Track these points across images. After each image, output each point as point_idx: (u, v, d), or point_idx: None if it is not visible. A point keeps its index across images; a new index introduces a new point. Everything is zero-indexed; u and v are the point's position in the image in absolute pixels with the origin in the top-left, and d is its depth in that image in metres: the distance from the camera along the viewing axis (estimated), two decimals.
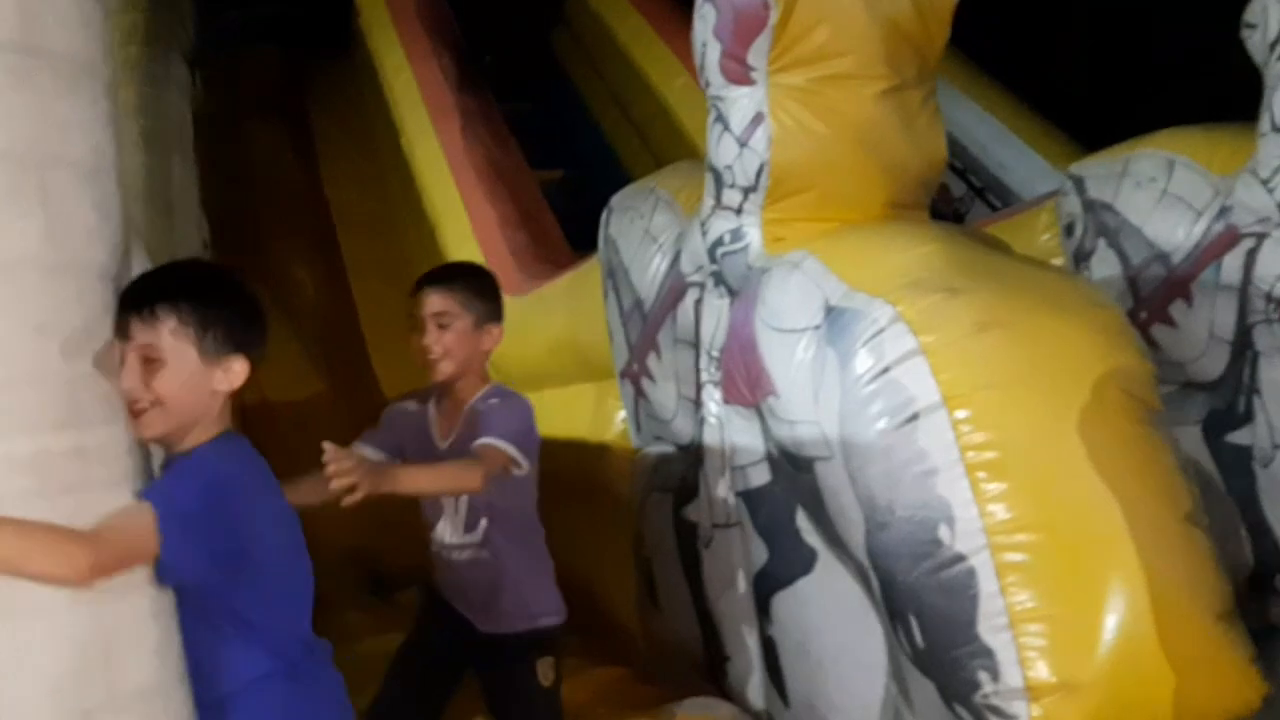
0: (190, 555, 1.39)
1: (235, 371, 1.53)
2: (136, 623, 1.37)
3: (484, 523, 2.22)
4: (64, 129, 1.34)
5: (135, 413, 1.46)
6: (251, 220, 4.84)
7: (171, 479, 1.44)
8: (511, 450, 2.12)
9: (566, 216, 4.44)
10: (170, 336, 1.49)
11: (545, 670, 2.18)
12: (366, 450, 2.19)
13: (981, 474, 1.86)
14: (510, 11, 6.06)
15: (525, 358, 3.66)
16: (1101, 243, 2.83)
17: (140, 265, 1.68)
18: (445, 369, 2.21)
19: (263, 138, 5.33)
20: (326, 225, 5.03)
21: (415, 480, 2.04)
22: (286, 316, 4.62)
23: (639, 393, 2.78)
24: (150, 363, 1.48)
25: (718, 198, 2.35)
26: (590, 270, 3.12)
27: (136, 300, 1.50)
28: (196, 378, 1.51)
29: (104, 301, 1.39)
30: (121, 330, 1.47)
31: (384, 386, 4.46)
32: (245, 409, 4.02)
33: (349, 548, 3.76)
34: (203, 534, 1.41)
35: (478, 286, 2.29)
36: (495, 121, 4.70)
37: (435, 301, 2.23)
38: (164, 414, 1.48)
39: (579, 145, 5.81)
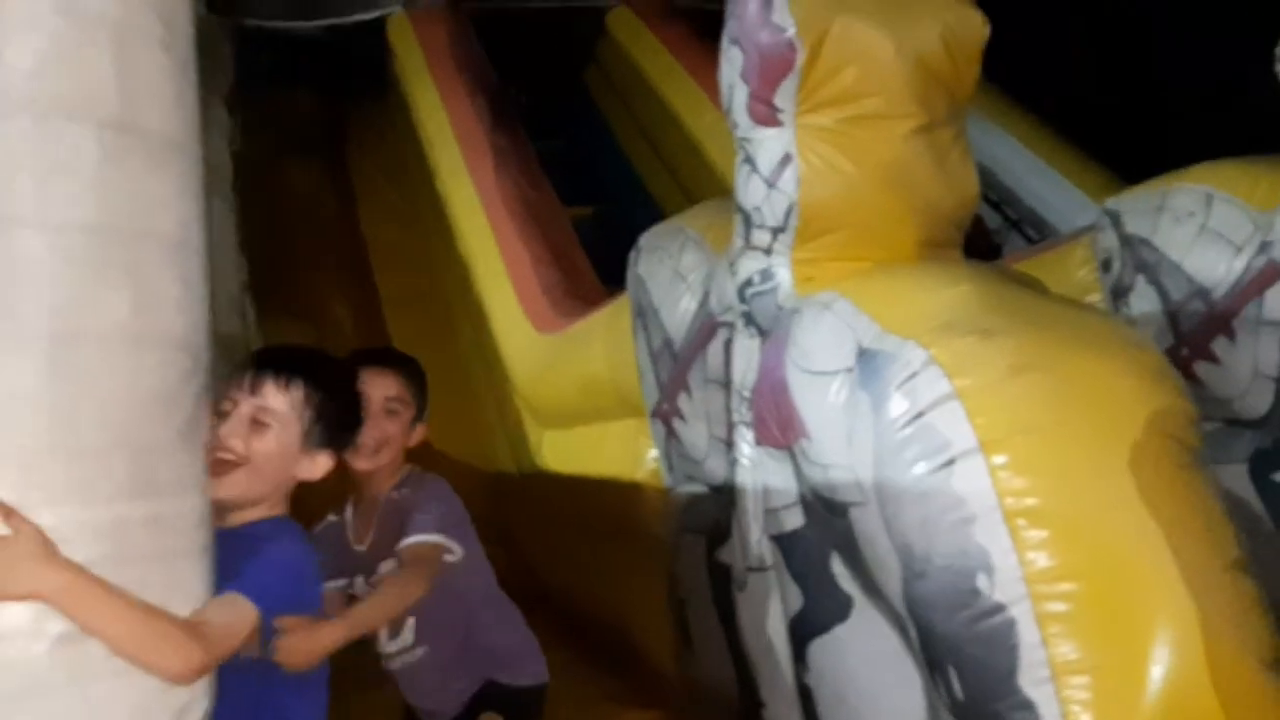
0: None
1: (319, 464, 1.65)
2: (200, 693, 1.39)
3: (411, 622, 2.14)
4: (154, 204, 1.39)
5: (220, 467, 1.53)
6: (289, 259, 4.91)
7: (259, 568, 1.48)
8: (441, 539, 2.04)
9: (598, 252, 4.45)
10: (288, 408, 1.61)
11: None
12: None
13: (1021, 521, 1.81)
14: (543, 51, 6.12)
15: (558, 396, 3.66)
16: (1140, 279, 2.78)
17: None
18: (379, 459, 2.13)
19: (300, 178, 5.42)
20: (363, 263, 5.09)
21: (366, 621, 1.93)
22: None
23: (670, 432, 2.76)
24: (257, 425, 1.60)
25: (746, 238, 2.33)
26: (623, 306, 3.12)
27: (279, 366, 1.64)
28: (289, 455, 1.61)
29: (183, 372, 1.42)
30: (252, 386, 1.62)
31: None
32: None
33: None
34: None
35: (422, 380, 2.25)
36: (528, 160, 4.73)
37: (391, 385, 2.16)
38: (247, 477, 1.57)
39: (611, 181, 5.84)
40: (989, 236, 4.66)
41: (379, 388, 2.14)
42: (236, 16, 5.60)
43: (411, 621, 2.14)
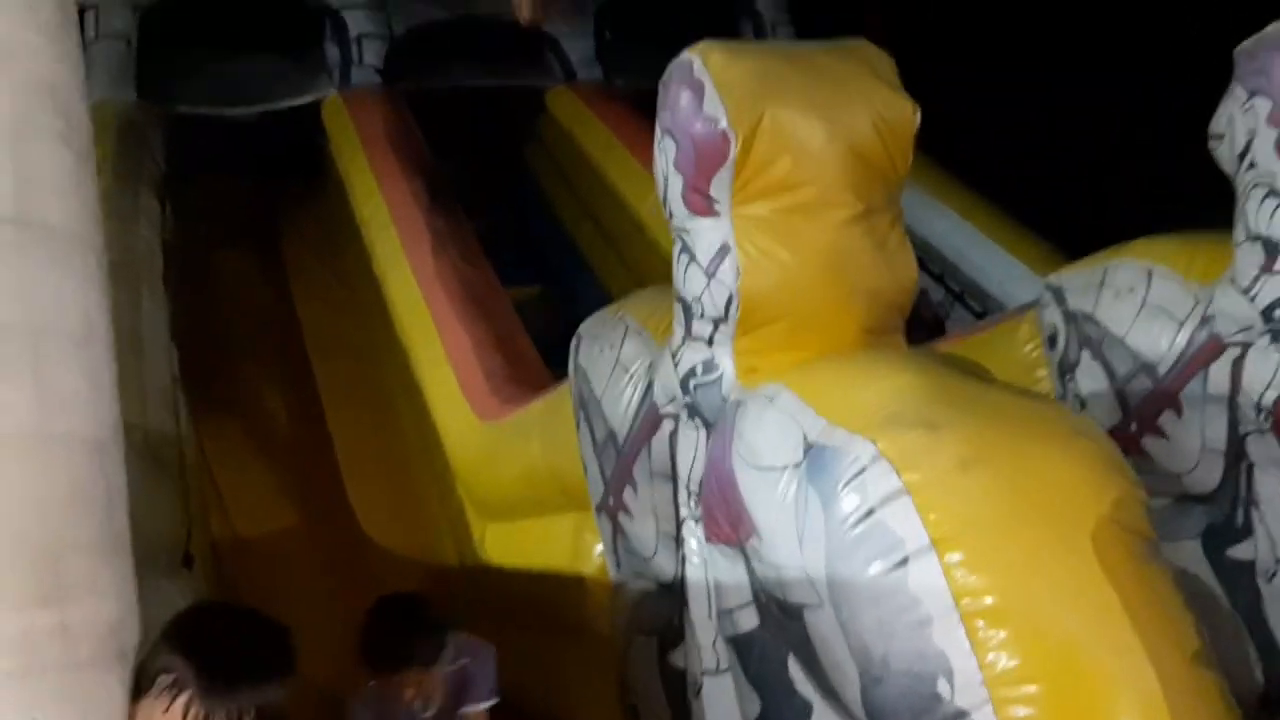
0: None
1: None
2: None
3: None
4: (55, 299, 1.35)
5: None
6: (223, 349, 4.77)
7: None
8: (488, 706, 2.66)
9: (543, 333, 4.38)
10: None
11: None
12: None
13: (979, 621, 1.74)
14: (483, 130, 6.12)
15: (500, 487, 3.56)
16: (1086, 354, 2.78)
17: None
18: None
19: (234, 266, 5.31)
20: (299, 353, 4.96)
21: None
22: (259, 447, 4.52)
23: (617, 528, 2.66)
24: None
25: (688, 329, 2.28)
26: (563, 395, 3.04)
27: None
28: None
29: (92, 472, 1.35)
30: None
31: (360, 517, 4.33)
32: (215, 544, 3.89)
33: (323, 680, 3.60)
34: None
35: (441, 640, 2.62)
36: (467, 242, 4.67)
37: (432, 681, 2.62)
38: None
39: (554, 261, 5.81)
40: (933, 309, 4.69)
41: (428, 686, 2.65)
42: (167, 103, 5.53)
43: None
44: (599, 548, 2.86)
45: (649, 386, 2.52)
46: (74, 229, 1.39)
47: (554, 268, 5.71)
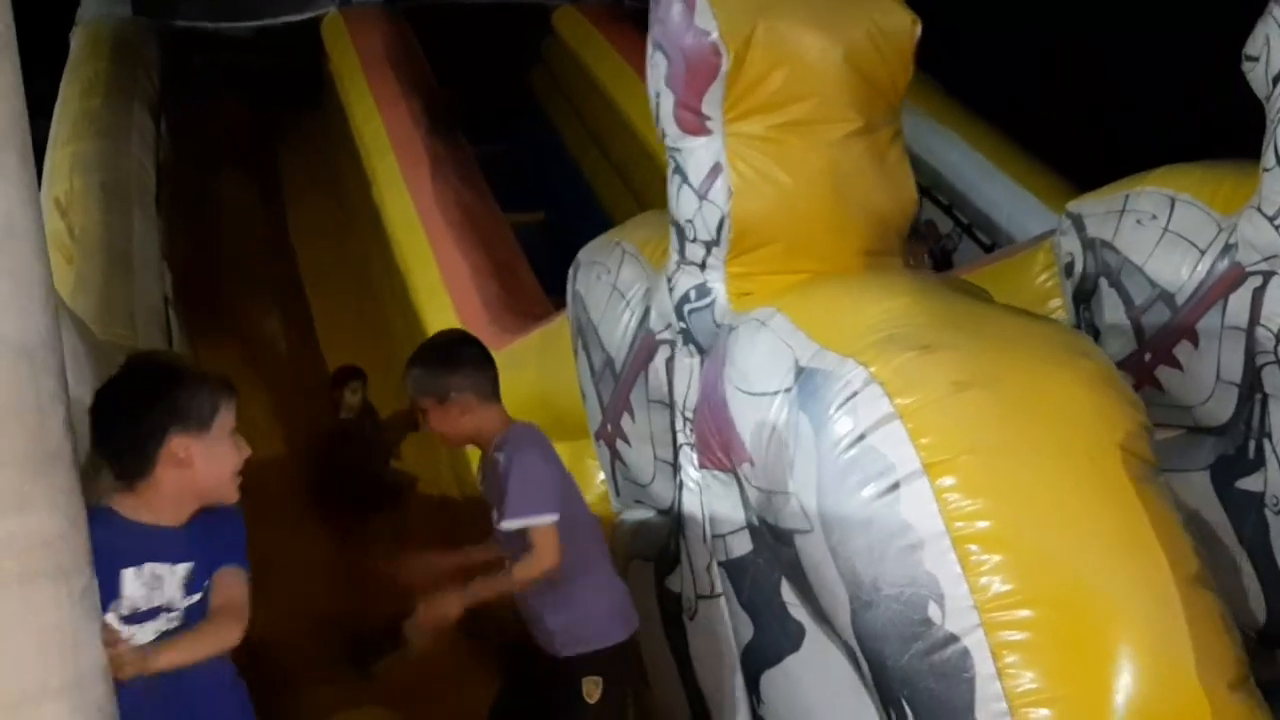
0: None
1: None
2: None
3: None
4: None
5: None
6: (218, 273, 4.72)
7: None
8: (532, 521, 2.16)
9: (546, 259, 4.33)
10: None
11: (590, 689, 2.25)
12: None
13: (972, 546, 1.71)
14: (486, 50, 5.98)
15: None
16: (1103, 282, 2.71)
17: (66, 334, 1.57)
18: (452, 443, 2.45)
19: (230, 188, 5.23)
20: (295, 278, 4.91)
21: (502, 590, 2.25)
22: (254, 371, 4.49)
23: (615, 455, 2.64)
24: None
25: (681, 252, 2.22)
26: (561, 326, 2.99)
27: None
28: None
29: (17, 377, 1.27)
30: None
31: None
32: None
33: (324, 614, 3.62)
34: None
35: (420, 370, 2.31)
36: (468, 166, 4.59)
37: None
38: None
39: (558, 186, 5.71)
40: (940, 240, 4.61)
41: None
42: (164, 18, 5.40)
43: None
44: (599, 476, 2.84)
45: (646, 312, 2.47)
46: None
47: (557, 194, 5.62)
